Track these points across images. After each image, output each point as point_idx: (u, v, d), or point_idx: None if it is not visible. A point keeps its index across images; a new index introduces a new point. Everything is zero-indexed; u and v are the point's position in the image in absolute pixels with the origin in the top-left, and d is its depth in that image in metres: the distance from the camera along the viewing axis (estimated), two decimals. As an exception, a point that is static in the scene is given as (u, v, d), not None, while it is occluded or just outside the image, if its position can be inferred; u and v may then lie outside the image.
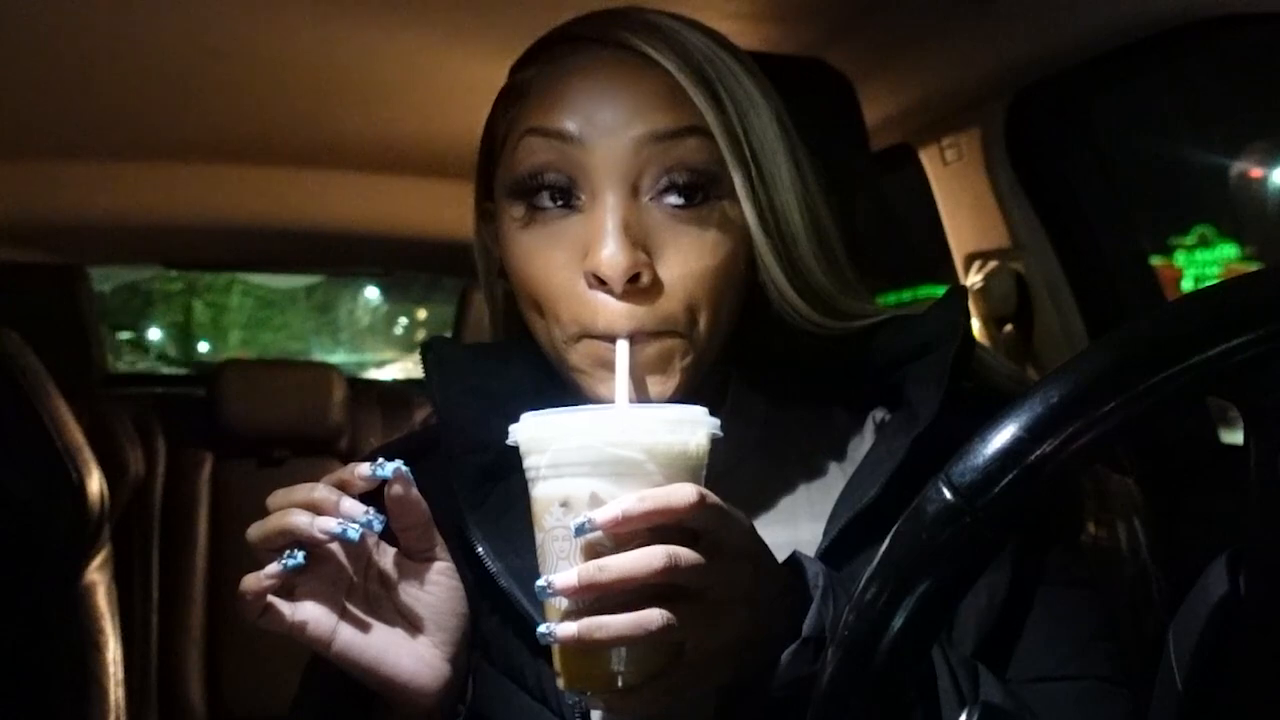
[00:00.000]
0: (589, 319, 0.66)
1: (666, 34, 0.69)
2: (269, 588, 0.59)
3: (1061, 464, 0.40)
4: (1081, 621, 0.70)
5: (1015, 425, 0.40)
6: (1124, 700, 0.68)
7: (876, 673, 0.42)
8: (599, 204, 0.66)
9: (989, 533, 0.41)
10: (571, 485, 0.57)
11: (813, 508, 0.73)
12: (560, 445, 0.58)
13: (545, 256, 0.68)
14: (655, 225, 0.67)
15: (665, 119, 0.67)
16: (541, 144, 0.67)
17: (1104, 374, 0.40)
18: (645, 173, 0.67)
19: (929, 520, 0.41)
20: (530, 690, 0.68)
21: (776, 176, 0.69)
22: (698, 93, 0.67)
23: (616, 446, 0.56)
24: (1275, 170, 3.81)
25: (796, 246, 0.70)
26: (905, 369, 0.72)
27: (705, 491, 0.56)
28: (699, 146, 0.67)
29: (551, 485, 0.58)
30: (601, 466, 0.57)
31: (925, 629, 0.42)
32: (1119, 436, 0.40)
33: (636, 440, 0.56)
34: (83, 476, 1.21)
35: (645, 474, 0.56)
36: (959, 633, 0.67)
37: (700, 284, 0.67)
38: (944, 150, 1.41)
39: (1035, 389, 0.41)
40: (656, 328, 0.66)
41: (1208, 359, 0.39)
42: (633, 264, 0.64)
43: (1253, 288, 0.41)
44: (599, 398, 0.68)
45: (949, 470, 0.41)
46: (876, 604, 0.42)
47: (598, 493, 0.56)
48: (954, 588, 0.42)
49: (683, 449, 0.58)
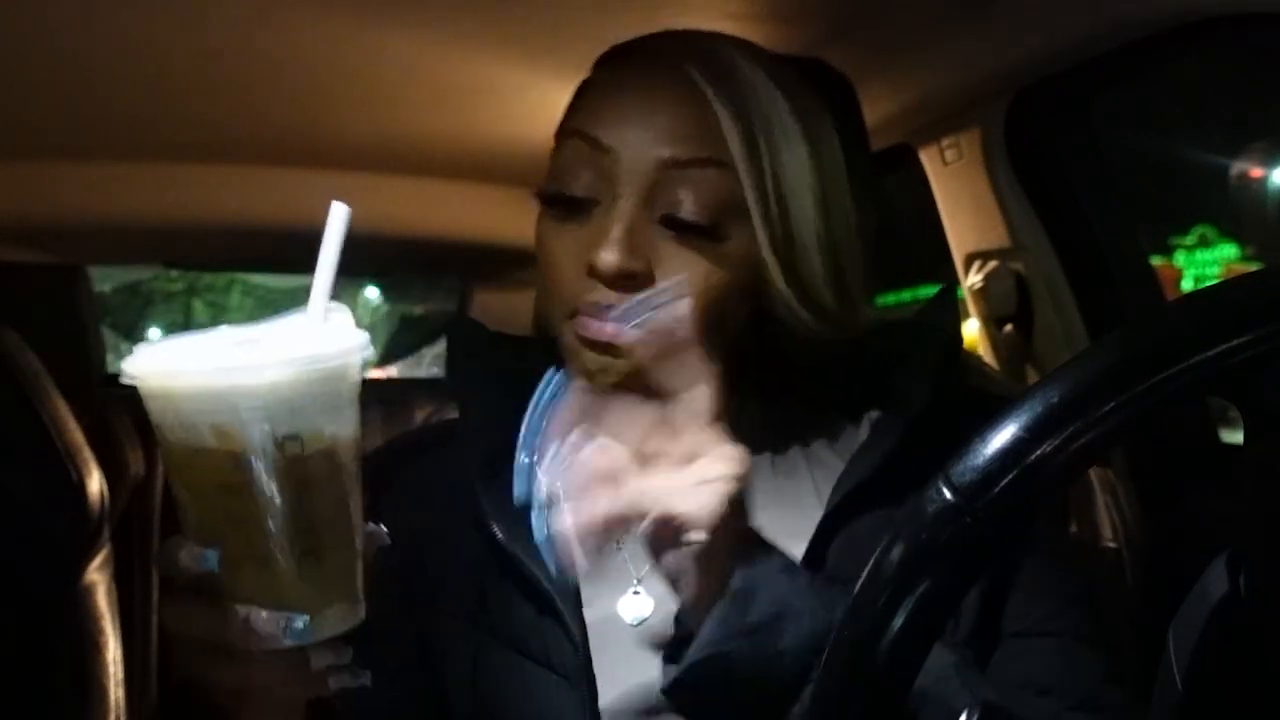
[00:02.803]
0: (574, 296, 0.72)
1: (721, 63, 0.73)
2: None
3: (1061, 464, 0.40)
4: (1064, 585, 0.74)
5: (1015, 425, 0.40)
6: (1103, 660, 0.71)
7: (876, 673, 0.42)
8: (613, 209, 0.71)
9: (989, 533, 0.41)
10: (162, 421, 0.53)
11: (814, 493, 0.77)
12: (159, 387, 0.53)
13: (560, 243, 0.73)
14: (660, 241, 0.71)
15: (689, 147, 0.71)
16: (579, 147, 0.73)
17: (1104, 374, 0.40)
18: (660, 192, 0.71)
19: (929, 520, 0.41)
20: (535, 657, 0.72)
21: (801, 216, 0.73)
22: (731, 126, 0.71)
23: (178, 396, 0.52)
24: (1275, 170, 3.81)
25: (814, 279, 0.74)
26: (896, 368, 0.75)
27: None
28: (717, 178, 0.71)
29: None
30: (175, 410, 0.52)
31: (925, 629, 0.42)
32: (1119, 436, 0.40)
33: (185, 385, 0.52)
34: (83, 476, 1.21)
35: (242, 415, 0.51)
36: (962, 607, 0.69)
37: (694, 301, 0.70)
38: (944, 150, 1.41)
39: (1035, 389, 0.41)
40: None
41: (1208, 359, 0.39)
42: (627, 269, 0.69)
43: (1253, 288, 0.41)
44: (576, 367, 0.72)
45: (949, 470, 0.41)
46: (876, 604, 0.42)
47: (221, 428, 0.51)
48: (954, 588, 0.42)
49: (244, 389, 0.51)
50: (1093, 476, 1.06)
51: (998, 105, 1.29)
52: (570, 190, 0.73)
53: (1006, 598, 0.72)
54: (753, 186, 0.71)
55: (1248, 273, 0.43)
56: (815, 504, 0.74)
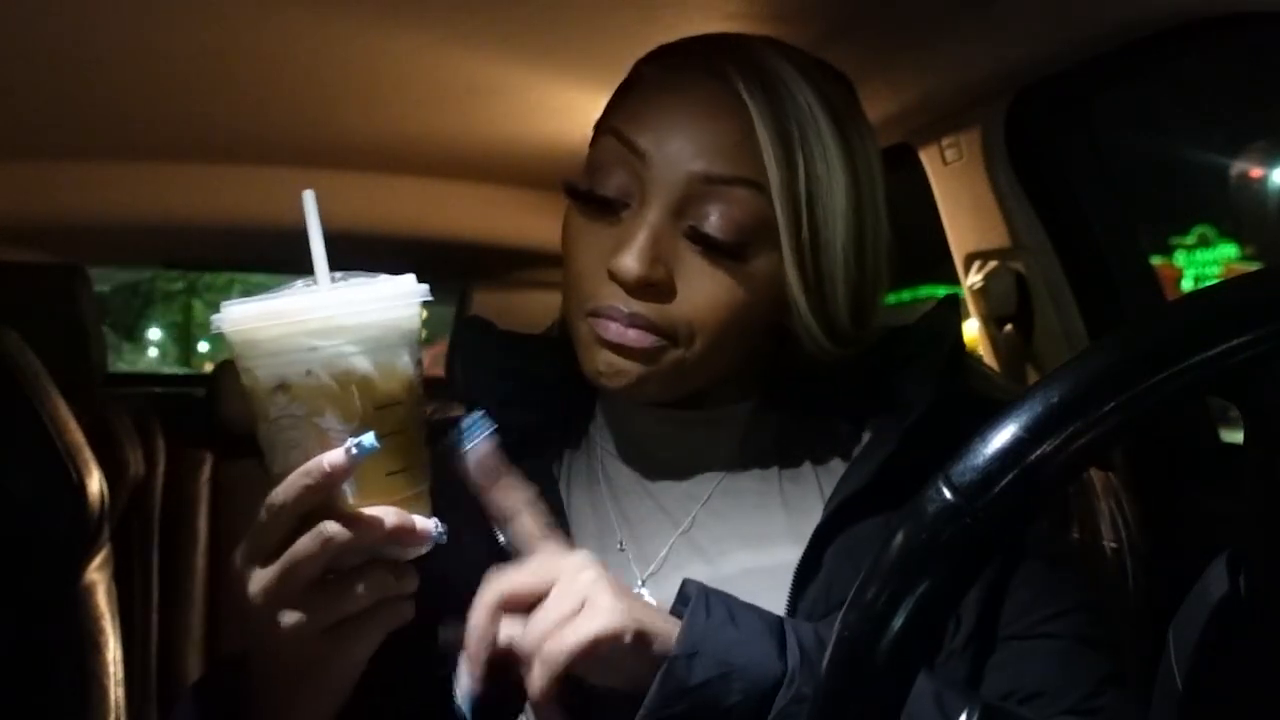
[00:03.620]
0: (594, 294, 0.71)
1: (767, 77, 0.71)
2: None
3: (1061, 464, 0.40)
4: (1064, 590, 0.73)
5: (1015, 425, 0.40)
6: (1103, 662, 0.71)
7: (876, 673, 0.42)
8: (641, 214, 0.70)
9: (989, 533, 0.41)
10: (286, 369, 0.57)
11: (820, 499, 0.77)
12: (269, 334, 0.57)
13: (585, 240, 0.73)
14: (684, 252, 0.70)
15: (724, 164, 0.69)
16: (615, 146, 0.72)
17: (1104, 374, 0.40)
18: (690, 205, 0.70)
19: (929, 520, 0.41)
20: None
21: (831, 242, 0.72)
22: (770, 145, 0.69)
23: (312, 335, 0.57)
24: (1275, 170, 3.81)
25: (836, 305, 0.73)
26: (898, 374, 0.75)
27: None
28: (748, 199, 0.70)
29: (265, 373, 0.58)
30: (317, 349, 0.57)
31: (925, 629, 0.42)
32: (1119, 436, 0.40)
33: (336, 323, 0.57)
34: (83, 476, 1.21)
35: (360, 352, 0.57)
36: (962, 609, 0.69)
37: (712, 315, 0.71)
38: (944, 150, 1.41)
39: (1035, 389, 0.41)
40: (647, 328, 0.69)
41: (1208, 359, 0.39)
42: (646, 276, 0.68)
43: (1253, 288, 0.41)
44: (590, 368, 0.72)
45: (949, 470, 0.41)
46: (876, 604, 0.42)
47: (314, 371, 0.57)
48: (954, 588, 0.42)
49: (388, 324, 0.59)
50: (1095, 480, 1.06)
51: (998, 105, 1.29)
52: (601, 189, 0.72)
53: (1006, 600, 0.72)
54: (786, 212, 0.70)
55: (1248, 273, 0.43)
56: (819, 509, 0.74)
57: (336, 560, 0.57)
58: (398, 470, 0.59)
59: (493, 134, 1.60)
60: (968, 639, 0.70)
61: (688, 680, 0.60)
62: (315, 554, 0.56)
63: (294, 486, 0.56)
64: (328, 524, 0.56)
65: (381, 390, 0.58)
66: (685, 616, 0.62)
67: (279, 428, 0.58)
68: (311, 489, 0.55)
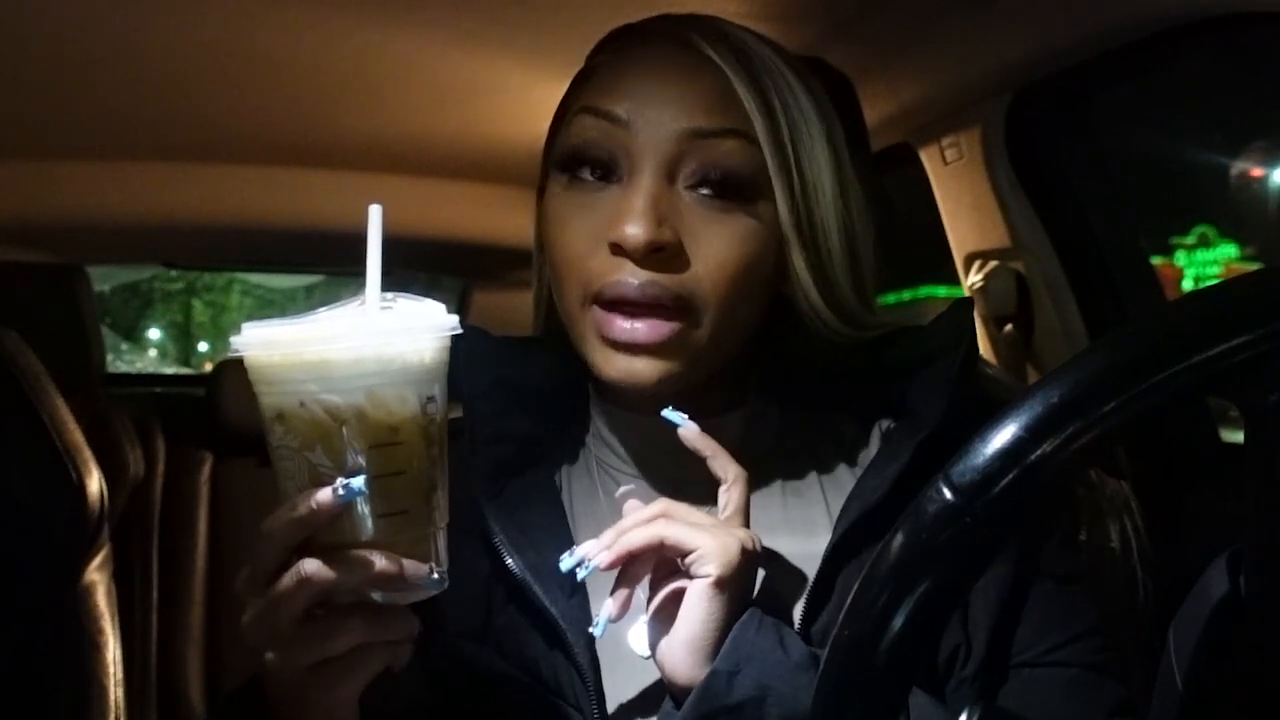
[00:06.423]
0: (597, 280, 0.69)
1: (732, 40, 0.72)
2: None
3: (1061, 464, 0.40)
4: (1074, 615, 0.72)
5: (1015, 425, 0.40)
6: (1113, 691, 0.70)
7: (876, 673, 0.42)
8: (634, 182, 0.69)
9: (989, 533, 0.41)
10: (282, 400, 0.55)
11: (826, 514, 0.75)
12: (268, 361, 0.55)
13: (575, 223, 0.71)
14: (686, 210, 0.69)
15: (710, 118, 0.69)
16: (592, 122, 0.71)
17: (1104, 374, 0.40)
18: (683, 163, 0.69)
19: (929, 520, 0.41)
20: (545, 683, 0.69)
21: (820, 192, 0.72)
22: (749, 98, 0.70)
23: (308, 368, 0.54)
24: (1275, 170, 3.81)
25: (831, 262, 0.72)
26: (910, 378, 0.73)
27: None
28: (739, 149, 0.70)
29: (267, 399, 0.56)
30: (308, 382, 0.54)
31: (925, 629, 0.42)
32: (1119, 436, 0.40)
33: (331, 356, 0.54)
34: (82, 476, 1.21)
35: (352, 388, 0.54)
36: (972, 626, 0.68)
37: (722, 272, 0.69)
38: (944, 150, 1.41)
39: (1035, 389, 0.41)
40: (662, 297, 0.67)
41: (1208, 359, 0.39)
42: (655, 238, 0.67)
43: (1253, 288, 0.41)
44: (602, 372, 0.70)
45: (949, 470, 0.41)
46: (876, 604, 0.42)
47: (307, 404, 0.54)
48: (954, 588, 0.42)
49: (388, 360, 0.55)
50: (1107, 492, 1.04)
51: (998, 105, 1.29)
52: (583, 168, 0.70)
53: (1016, 627, 0.70)
54: (775, 159, 0.69)
55: (1248, 273, 0.43)
56: (826, 526, 0.72)
57: (320, 599, 0.55)
58: (396, 513, 0.56)
59: (493, 134, 1.60)
60: (979, 666, 0.69)
61: (728, 696, 0.60)
62: (293, 593, 0.54)
63: (281, 519, 0.55)
64: (307, 563, 0.54)
65: (380, 428, 0.55)
66: (734, 630, 0.62)
67: (278, 456, 0.56)
68: (297, 523, 0.54)
